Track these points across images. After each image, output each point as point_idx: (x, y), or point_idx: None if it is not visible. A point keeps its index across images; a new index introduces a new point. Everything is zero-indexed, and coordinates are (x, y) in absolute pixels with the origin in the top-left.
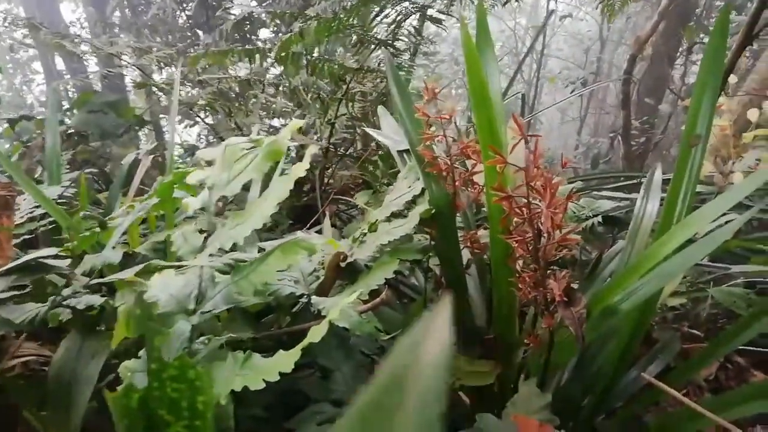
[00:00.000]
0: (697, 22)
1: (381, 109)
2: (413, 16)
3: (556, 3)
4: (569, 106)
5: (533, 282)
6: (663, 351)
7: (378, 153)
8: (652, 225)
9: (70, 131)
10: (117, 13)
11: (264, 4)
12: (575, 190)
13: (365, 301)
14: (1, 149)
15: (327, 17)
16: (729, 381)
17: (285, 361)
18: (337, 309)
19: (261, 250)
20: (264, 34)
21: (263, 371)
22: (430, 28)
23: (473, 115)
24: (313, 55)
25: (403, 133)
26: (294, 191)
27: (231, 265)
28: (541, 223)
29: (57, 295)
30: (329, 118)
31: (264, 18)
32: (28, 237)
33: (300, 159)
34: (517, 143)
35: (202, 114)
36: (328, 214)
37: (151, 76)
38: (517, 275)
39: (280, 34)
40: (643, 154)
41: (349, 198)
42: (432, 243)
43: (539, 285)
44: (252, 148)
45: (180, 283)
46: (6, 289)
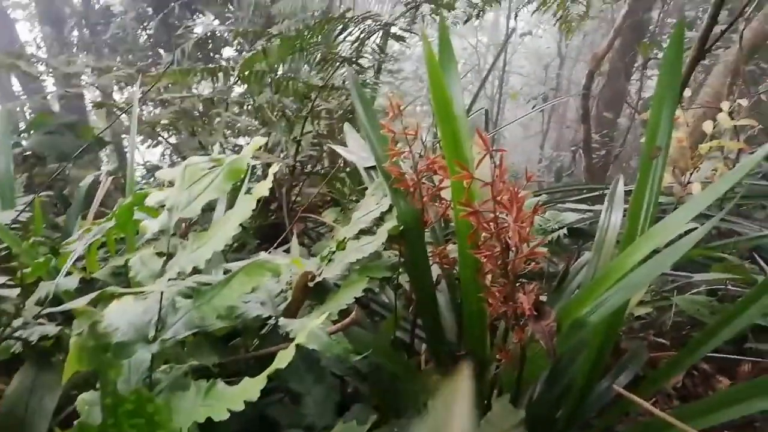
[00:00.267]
0: (651, 38)
1: (347, 126)
2: (377, 34)
3: (516, 21)
4: (531, 121)
5: (503, 296)
6: (632, 361)
7: (345, 170)
8: (616, 236)
9: (26, 153)
10: (75, 33)
11: (227, 23)
12: (541, 203)
13: (335, 321)
14: None
15: (290, 35)
16: (696, 388)
17: (251, 389)
18: (305, 331)
19: (227, 271)
20: (227, 52)
21: (228, 400)
22: (394, 46)
23: (438, 131)
24: (278, 74)
25: (370, 150)
26: (261, 210)
27: (194, 289)
28: (509, 237)
29: (6, 326)
30: (295, 135)
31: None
32: None
33: (266, 177)
34: (483, 158)
35: (165, 133)
36: (295, 232)
37: (112, 95)
38: (487, 290)
39: (243, 52)
40: (605, 166)
41: (317, 216)
42: (401, 259)
43: (509, 299)
44: (213, 167)
45: (139, 310)
46: None
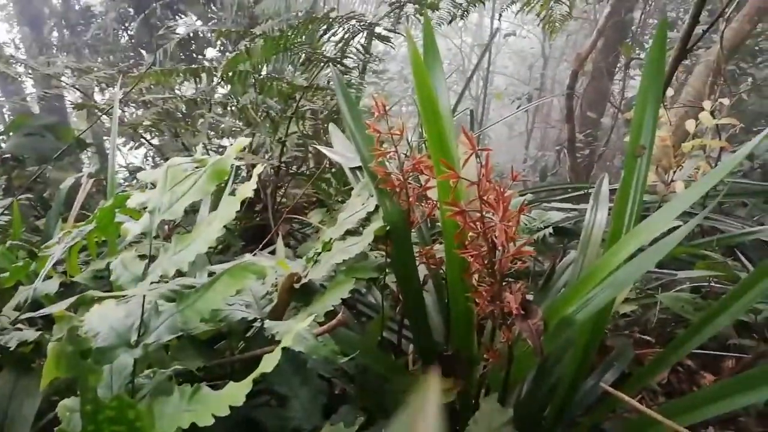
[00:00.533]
0: (634, 38)
1: (332, 127)
2: (361, 34)
3: (500, 21)
4: (516, 121)
5: (490, 296)
6: (618, 358)
7: (331, 171)
8: (602, 234)
9: (5, 156)
10: (55, 33)
11: (210, 23)
12: (526, 202)
13: (321, 323)
14: None
15: (274, 35)
16: (681, 384)
17: (236, 394)
18: (292, 334)
19: (211, 273)
20: (210, 53)
21: (212, 405)
22: (379, 46)
23: (424, 131)
24: (262, 74)
25: (355, 150)
26: (246, 211)
27: (177, 292)
28: (496, 237)
29: None
30: (280, 136)
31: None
32: None
33: (251, 179)
34: (469, 158)
35: (147, 135)
36: (281, 234)
37: (93, 97)
38: (474, 289)
39: (226, 53)
40: (589, 165)
41: (303, 217)
42: (388, 260)
43: (496, 298)
44: (196, 168)
45: (121, 314)
46: None
